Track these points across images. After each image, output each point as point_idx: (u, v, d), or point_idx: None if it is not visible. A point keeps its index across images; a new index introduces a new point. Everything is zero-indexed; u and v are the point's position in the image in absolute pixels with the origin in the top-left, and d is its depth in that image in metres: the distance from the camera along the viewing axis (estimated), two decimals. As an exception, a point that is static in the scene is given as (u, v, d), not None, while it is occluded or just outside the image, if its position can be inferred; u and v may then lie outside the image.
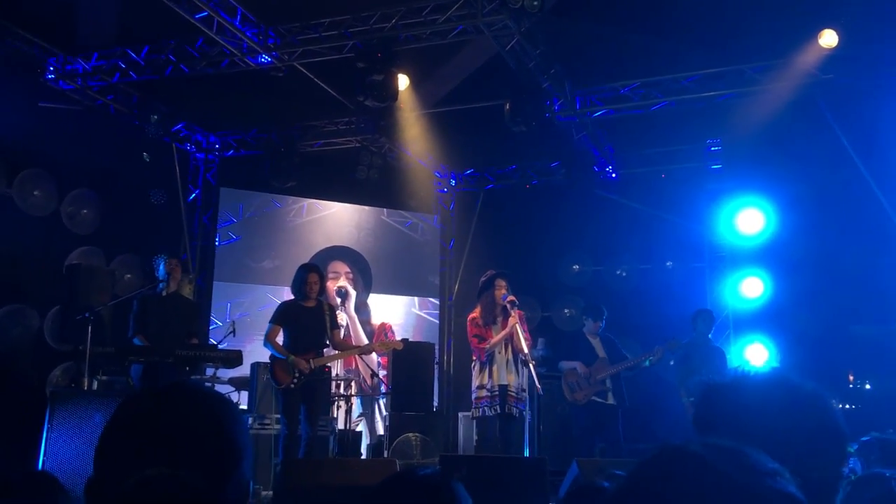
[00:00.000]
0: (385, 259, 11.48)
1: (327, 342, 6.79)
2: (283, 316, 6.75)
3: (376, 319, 11.06)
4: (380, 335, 10.15)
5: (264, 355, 9.21)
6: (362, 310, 11.01)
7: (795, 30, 7.83)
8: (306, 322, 6.69)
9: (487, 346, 6.70)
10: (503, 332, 6.70)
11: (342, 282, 10.57)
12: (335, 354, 7.03)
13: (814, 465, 1.34)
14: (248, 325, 9.62)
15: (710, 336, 8.22)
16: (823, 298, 8.89)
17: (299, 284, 6.75)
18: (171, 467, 1.16)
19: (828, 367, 8.74)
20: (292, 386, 6.48)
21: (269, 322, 6.82)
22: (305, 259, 10.72)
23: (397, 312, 11.37)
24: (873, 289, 8.52)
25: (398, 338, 10.27)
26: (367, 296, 11.21)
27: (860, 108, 8.40)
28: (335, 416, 7.77)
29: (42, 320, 8.58)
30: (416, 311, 11.52)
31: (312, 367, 6.53)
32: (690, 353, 7.84)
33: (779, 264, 9.59)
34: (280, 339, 6.78)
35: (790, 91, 8.23)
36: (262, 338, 6.90)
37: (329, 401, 7.27)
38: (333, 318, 6.87)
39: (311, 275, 6.75)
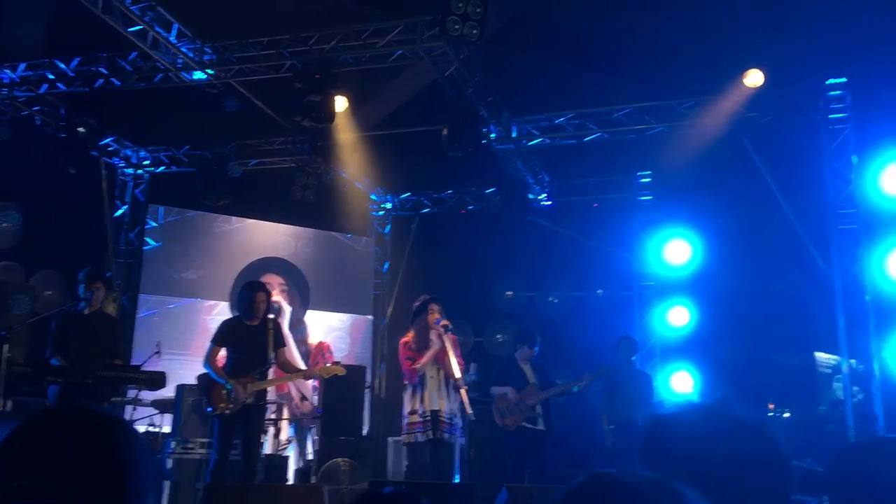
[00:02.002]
0: (323, 273, 11.08)
1: (271, 362, 6.52)
2: (226, 336, 6.46)
3: (313, 338, 10.61)
4: (317, 356, 9.80)
5: (186, 377, 8.98)
6: (298, 327, 10.62)
7: (723, 69, 8.13)
8: (249, 342, 6.40)
9: (418, 365, 6.66)
10: (430, 352, 6.66)
11: (276, 296, 10.13)
12: (275, 379, 6.77)
13: (761, 494, 1.36)
14: (169, 341, 9.27)
15: (633, 361, 8.39)
16: (746, 328, 9.16)
17: (247, 304, 6.45)
18: (44, 480, 1.18)
19: (749, 395, 8.97)
20: (227, 412, 6.24)
21: (210, 342, 6.50)
22: (233, 271, 10.43)
23: (335, 324, 10.99)
24: (794, 320, 8.83)
25: (336, 349, 10.09)
26: (304, 313, 10.85)
27: (782, 146, 8.74)
28: (262, 440, 7.59)
29: (-46, 337, 8.19)
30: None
31: (249, 393, 6.26)
32: (614, 379, 7.98)
33: (704, 294, 9.85)
34: (221, 359, 6.52)
35: (717, 127, 8.52)
36: (182, 356, 6.65)
37: (263, 426, 7.04)
38: (278, 335, 6.57)
39: (259, 294, 6.47)
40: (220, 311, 10.22)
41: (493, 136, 9.25)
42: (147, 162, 10.68)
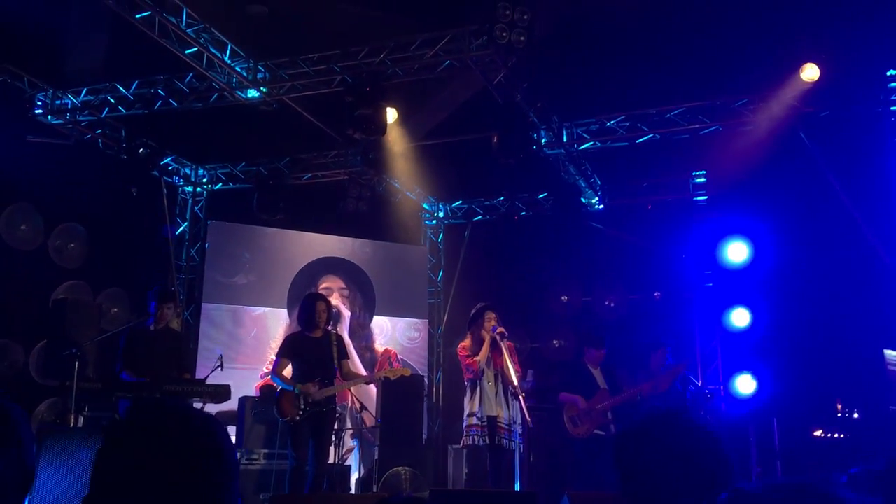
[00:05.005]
0: (380, 277, 10.70)
1: (336, 373, 6.65)
2: (290, 349, 6.67)
3: (380, 345, 10.37)
4: (383, 363, 9.68)
5: (247, 388, 9.12)
6: (361, 334, 10.33)
7: (779, 64, 7.97)
8: (313, 354, 6.58)
9: (479, 357, 6.66)
10: (486, 343, 6.66)
11: (334, 300, 9.84)
12: (343, 384, 6.83)
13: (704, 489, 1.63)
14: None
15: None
16: (810, 328, 8.93)
17: (308, 315, 6.65)
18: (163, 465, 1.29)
19: (816, 396, 8.76)
20: (297, 418, 6.38)
21: (276, 356, 6.76)
22: (287, 274, 10.25)
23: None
24: (860, 317, 8.58)
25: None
26: (370, 318, 10.46)
27: (842, 140, 8.53)
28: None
29: (27, 355, 8.50)
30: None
31: (322, 395, 6.41)
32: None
33: (765, 294, 9.64)
34: (287, 372, 6.68)
35: (773, 124, 8.35)
36: (233, 367, 6.75)
37: (332, 433, 7.14)
38: (342, 347, 6.75)
39: (319, 303, 6.69)
40: (275, 320, 10.17)
41: (543, 141, 9.22)
42: (205, 179, 10.94)
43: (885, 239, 8.19)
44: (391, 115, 8.44)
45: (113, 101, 8.77)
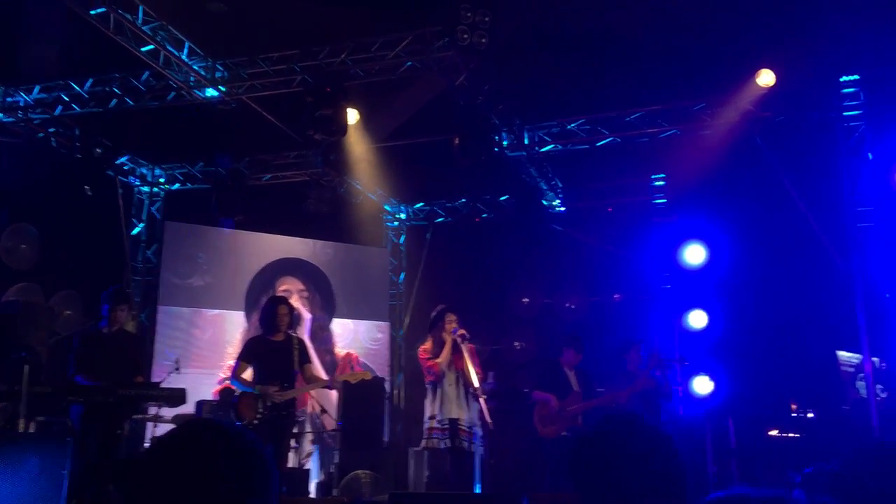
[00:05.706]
0: (341, 279, 10.66)
1: (296, 377, 6.57)
2: (251, 353, 6.58)
3: (341, 348, 10.33)
4: (345, 367, 9.62)
5: (204, 392, 8.98)
6: (321, 336, 10.27)
7: (735, 69, 8.10)
8: (274, 358, 6.49)
9: (440, 359, 6.63)
10: (447, 346, 6.64)
11: (294, 302, 9.97)
12: (303, 387, 6.75)
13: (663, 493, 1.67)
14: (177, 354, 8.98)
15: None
16: (766, 329, 9.08)
17: (270, 318, 6.56)
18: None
19: (771, 396, 8.90)
20: (255, 422, 6.28)
21: (236, 359, 6.66)
22: (245, 276, 10.16)
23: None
24: (814, 319, 8.74)
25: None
26: (330, 320, 10.43)
27: (797, 145, 8.69)
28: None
29: (-24, 359, 8.26)
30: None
31: (277, 400, 6.32)
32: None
33: (723, 296, 9.78)
34: (247, 376, 6.57)
35: (730, 128, 8.48)
36: (187, 371, 6.64)
37: (291, 437, 7.02)
38: (304, 352, 6.67)
39: (281, 307, 6.60)
40: (232, 322, 10.02)
41: (505, 143, 9.24)
42: (162, 180, 10.76)
43: (839, 242, 8.36)
44: (352, 116, 8.39)
45: (67, 98, 8.58)
